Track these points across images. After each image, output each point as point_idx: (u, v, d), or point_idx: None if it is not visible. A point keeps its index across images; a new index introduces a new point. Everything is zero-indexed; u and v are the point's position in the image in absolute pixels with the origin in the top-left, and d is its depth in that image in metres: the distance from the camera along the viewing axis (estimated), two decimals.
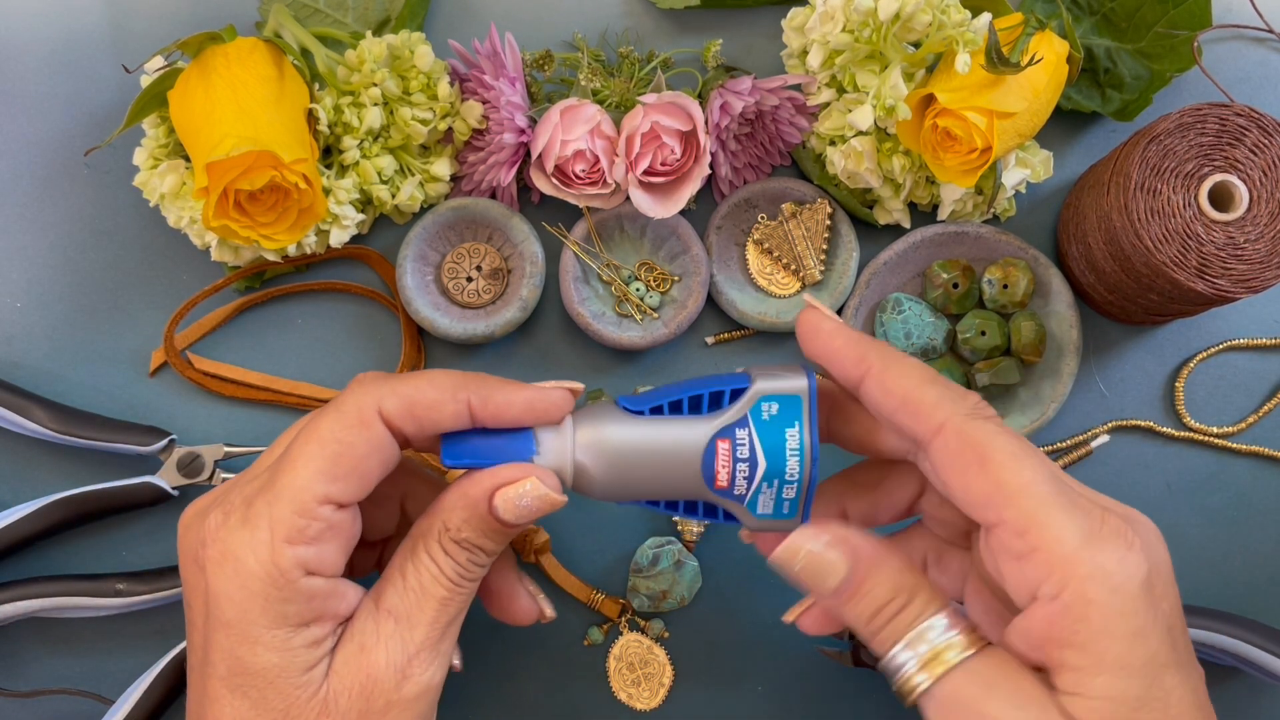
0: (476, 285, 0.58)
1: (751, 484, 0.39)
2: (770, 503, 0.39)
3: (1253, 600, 0.58)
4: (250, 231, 0.51)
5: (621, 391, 0.58)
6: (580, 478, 0.40)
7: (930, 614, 0.36)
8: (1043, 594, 0.34)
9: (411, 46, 0.55)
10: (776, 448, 0.39)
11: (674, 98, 0.54)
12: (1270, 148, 0.50)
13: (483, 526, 0.39)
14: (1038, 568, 0.34)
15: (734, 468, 0.39)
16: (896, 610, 0.36)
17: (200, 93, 0.51)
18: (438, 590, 0.39)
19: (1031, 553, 0.34)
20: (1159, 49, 0.58)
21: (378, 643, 0.38)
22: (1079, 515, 0.34)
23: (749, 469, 0.39)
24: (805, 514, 0.39)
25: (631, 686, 0.56)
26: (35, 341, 0.59)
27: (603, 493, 0.40)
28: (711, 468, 0.39)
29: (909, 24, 0.51)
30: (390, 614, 0.38)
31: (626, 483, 0.40)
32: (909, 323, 0.57)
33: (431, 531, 0.39)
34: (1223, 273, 0.50)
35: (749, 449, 0.39)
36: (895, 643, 0.36)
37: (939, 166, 0.53)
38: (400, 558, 0.39)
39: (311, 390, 0.58)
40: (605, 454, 0.39)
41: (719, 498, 0.40)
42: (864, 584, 0.37)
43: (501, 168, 0.56)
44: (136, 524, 0.57)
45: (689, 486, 0.40)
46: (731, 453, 0.39)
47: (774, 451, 0.39)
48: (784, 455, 0.39)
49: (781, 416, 0.39)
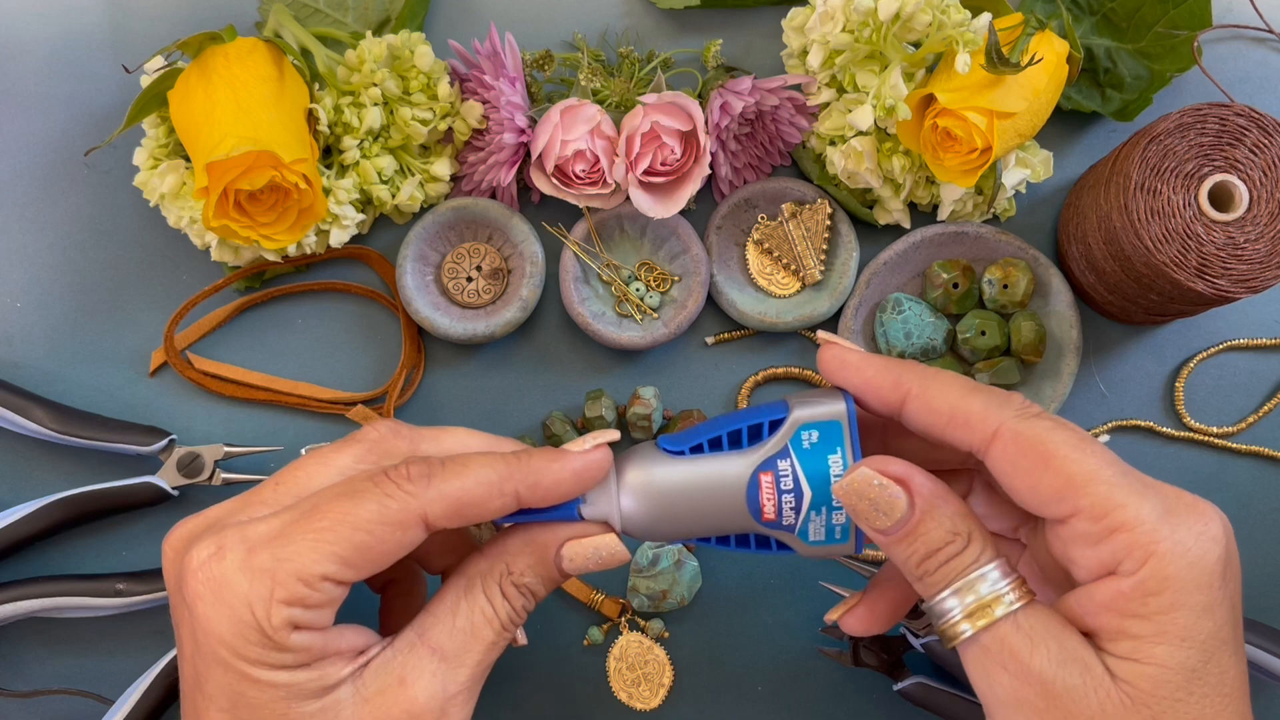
0: (476, 285, 0.58)
1: (800, 514, 0.39)
2: (821, 529, 0.39)
3: (1253, 600, 0.58)
4: (250, 231, 0.51)
5: (621, 392, 0.58)
6: (628, 524, 0.40)
7: (985, 562, 0.36)
8: (1123, 570, 0.34)
9: (411, 46, 0.55)
10: (820, 475, 0.38)
11: (674, 98, 0.54)
12: (1270, 148, 0.50)
13: (545, 574, 0.39)
14: (1117, 548, 0.34)
15: (779, 499, 0.39)
16: (952, 555, 0.36)
17: (200, 93, 0.51)
18: (488, 633, 0.38)
19: (1110, 535, 0.34)
20: (1159, 49, 0.58)
21: (420, 678, 0.37)
22: (1152, 495, 0.35)
23: (795, 499, 0.39)
24: (859, 540, 0.39)
25: (631, 686, 0.56)
26: (35, 341, 0.59)
27: (651, 535, 0.40)
28: (757, 501, 0.39)
29: (909, 24, 0.51)
30: (436, 652, 0.37)
31: (675, 524, 0.39)
32: (909, 323, 0.57)
33: (493, 573, 0.39)
34: (1223, 273, 0.50)
35: (792, 479, 0.38)
36: (946, 587, 0.36)
37: (939, 166, 0.53)
38: (452, 595, 0.39)
39: (311, 390, 0.58)
40: (650, 499, 0.39)
41: (769, 529, 0.39)
42: (922, 523, 0.36)
43: (501, 168, 0.56)
44: (136, 524, 0.57)
45: (737, 521, 0.39)
46: (775, 484, 0.39)
47: (818, 479, 0.38)
48: (829, 481, 0.38)
49: (822, 444, 0.39)
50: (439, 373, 0.59)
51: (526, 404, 0.58)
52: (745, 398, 0.58)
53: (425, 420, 0.58)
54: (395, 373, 0.58)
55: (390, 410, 0.57)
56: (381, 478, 0.36)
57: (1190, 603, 0.33)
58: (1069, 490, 0.35)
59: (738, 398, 0.58)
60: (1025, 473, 0.36)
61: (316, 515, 0.36)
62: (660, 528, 0.40)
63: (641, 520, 0.39)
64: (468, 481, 0.37)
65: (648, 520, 0.39)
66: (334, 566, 0.35)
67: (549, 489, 0.38)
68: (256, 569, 0.35)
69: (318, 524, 0.35)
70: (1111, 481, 0.34)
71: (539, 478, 0.38)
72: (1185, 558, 0.34)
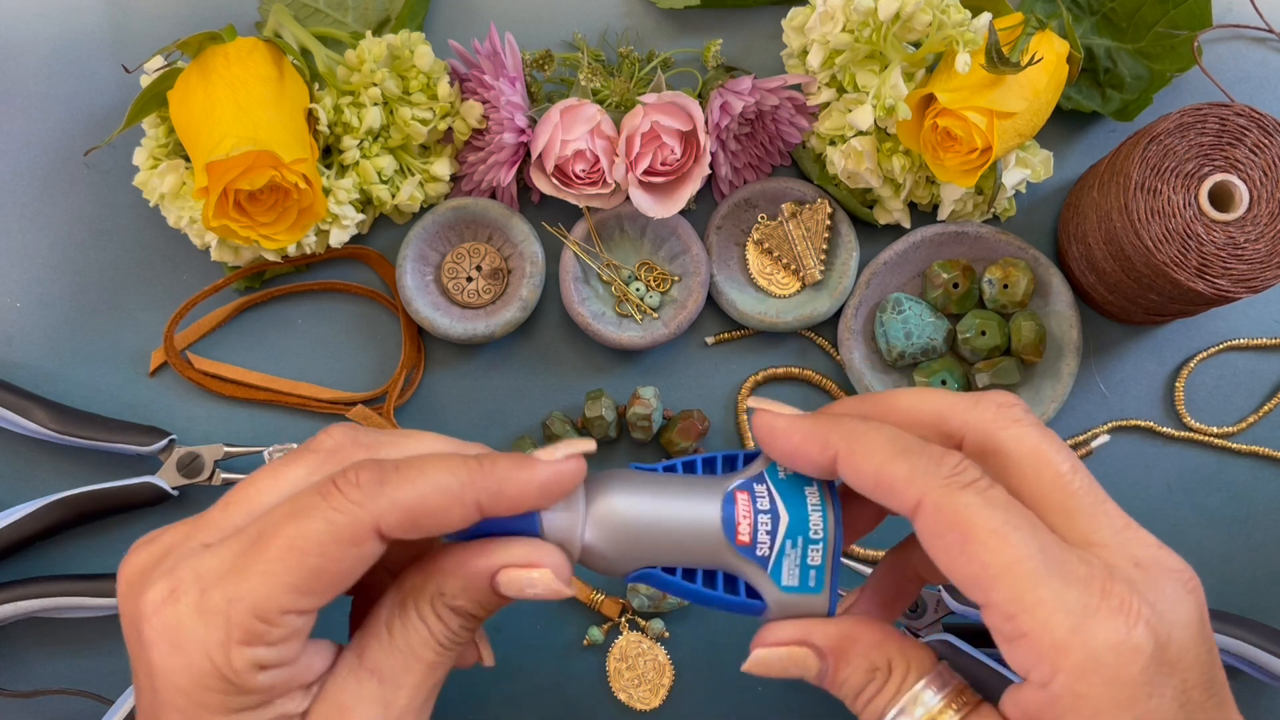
0: (476, 285, 0.58)
1: (775, 541, 0.36)
2: (795, 570, 0.37)
3: (1253, 600, 0.58)
4: (250, 231, 0.51)
5: (621, 392, 0.58)
6: (590, 546, 0.37)
7: (911, 684, 0.35)
8: (1033, 680, 0.32)
9: (411, 46, 0.55)
10: (797, 502, 0.37)
11: (674, 98, 0.54)
12: (1270, 148, 0.50)
13: (480, 598, 0.36)
14: (1026, 654, 0.31)
15: (755, 520, 0.36)
16: (877, 689, 0.35)
17: (200, 93, 0.51)
18: (426, 654, 0.36)
19: (1020, 638, 0.31)
20: (1159, 49, 0.58)
21: (360, 704, 0.35)
22: (1074, 590, 0.31)
23: (771, 522, 0.37)
24: (833, 589, 0.37)
25: (631, 686, 0.56)
26: (35, 341, 0.59)
27: (614, 560, 0.37)
28: (732, 519, 0.36)
29: (909, 24, 0.51)
30: (374, 673, 0.35)
31: (641, 547, 0.37)
32: (909, 323, 0.57)
33: (424, 592, 0.36)
34: (1223, 273, 0.50)
35: (769, 501, 0.37)
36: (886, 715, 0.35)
37: (939, 166, 0.53)
38: (387, 612, 0.36)
39: (311, 390, 0.58)
40: (616, 518, 0.37)
41: (743, 558, 0.37)
42: (838, 672, 0.36)
43: (501, 168, 0.56)
44: (136, 524, 0.57)
45: (709, 546, 0.37)
46: (752, 503, 0.37)
47: (794, 505, 0.37)
48: (805, 510, 0.37)
49: (797, 476, 0.37)
50: (439, 373, 0.59)
51: (526, 404, 0.58)
52: (745, 397, 0.58)
53: (425, 420, 0.58)
54: (395, 373, 0.58)
55: (390, 410, 0.57)
56: (329, 488, 0.34)
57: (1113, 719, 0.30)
58: (983, 578, 0.32)
59: (738, 397, 0.58)
60: (943, 551, 0.33)
61: (265, 542, 0.33)
62: (624, 556, 0.37)
63: (606, 541, 0.37)
64: (424, 488, 0.34)
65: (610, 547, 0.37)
66: (291, 598, 0.33)
67: (513, 499, 0.35)
68: (212, 611, 0.32)
69: (267, 553, 0.33)
70: (1027, 576, 0.31)
71: (503, 486, 0.35)
72: (1101, 674, 0.30)
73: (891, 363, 0.58)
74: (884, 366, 0.58)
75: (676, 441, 0.56)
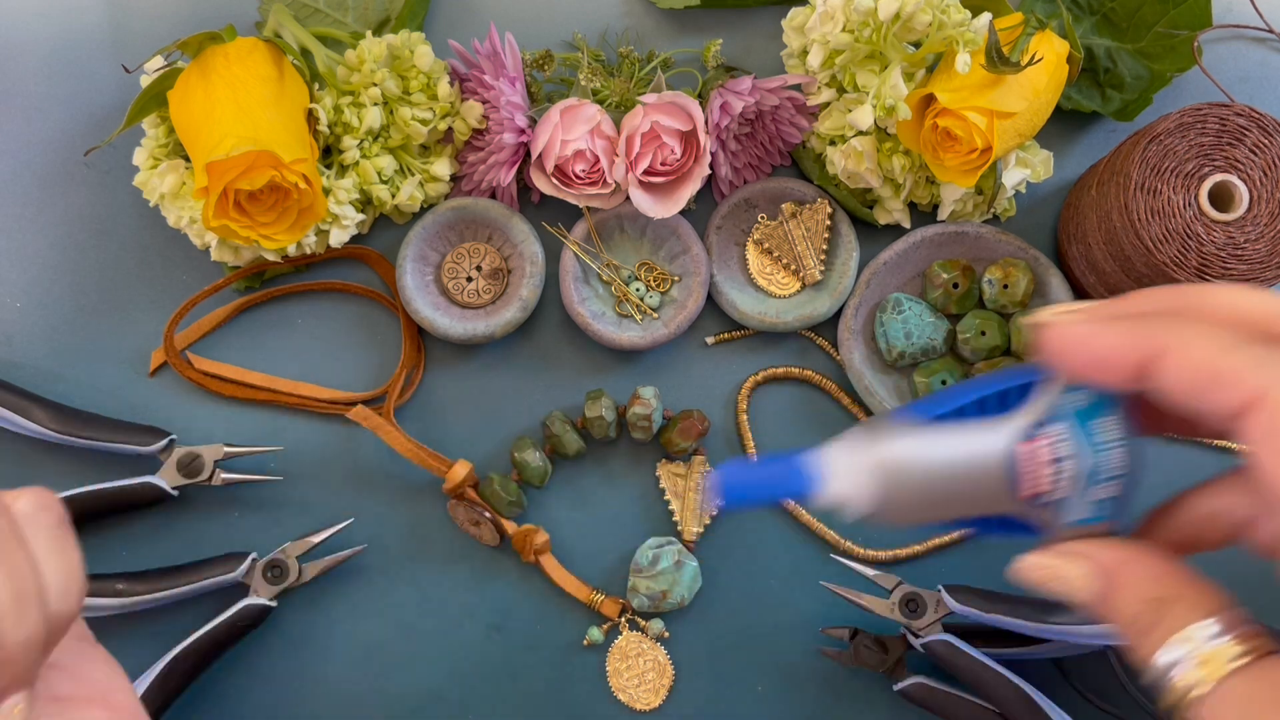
0: (476, 285, 0.58)
1: (1066, 486, 0.34)
2: (1086, 507, 0.34)
3: (1253, 600, 0.58)
4: (250, 231, 0.51)
5: (621, 392, 0.58)
6: (871, 516, 0.35)
7: (1192, 620, 0.32)
8: None
9: (411, 46, 0.55)
10: (1092, 440, 0.34)
11: (674, 98, 0.54)
12: (1270, 148, 0.50)
13: None
14: None
15: (1045, 470, 0.34)
16: (1153, 622, 0.32)
17: (200, 93, 0.51)
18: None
19: None
20: (1159, 49, 0.58)
21: None
22: None
23: (1062, 470, 0.34)
24: (1127, 513, 0.34)
25: (632, 686, 0.56)
26: (35, 341, 0.59)
27: (892, 516, 0.35)
28: (1019, 473, 0.34)
29: (909, 24, 0.51)
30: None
31: (921, 510, 0.35)
32: (909, 323, 0.57)
33: None
34: (1222, 273, 0.50)
35: (1060, 447, 0.34)
36: (1153, 653, 0.31)
37: (939, 166, 0.53)
38: None
39: (311, 390, 0.58)
40: (895, 474, 0.34)
41: (1026, 508, 0.35)
42: (1115, 596, 0.33)
43: (501, 168, 0.56)
44: (136, 524, 0.57)
45: (994, 498, 0.34)
46: (1041, 453, 0.34)
47: (1088, 445, 0.34)
48: (1101, 447, 0.34)
49: (1092, 407, 0.34)
50: (439, 373, 0.59)
51: (526, 404, 0.58)
52: (745, 397, 0.58)
53: (425, 420, 0.58)
54: (395, 373, 0.58)
55: (390, 410, 0.57)
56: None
57: None
58: None
59: (738, 398, 0.58)
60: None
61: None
62: (906, 514, 0.35)
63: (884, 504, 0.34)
64: None
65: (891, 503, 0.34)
66: None
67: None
68: None
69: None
70: None
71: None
72: None
73: (891, 363, 0.58)
74: (884, 366, 0.58)
75: (676, 442, 0.56)
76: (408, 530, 0.58)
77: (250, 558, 0.55)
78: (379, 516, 0.58)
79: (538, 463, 0.56)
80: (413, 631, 0.57)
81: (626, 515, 0.58)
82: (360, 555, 0.57)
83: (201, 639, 0.53)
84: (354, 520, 0.57)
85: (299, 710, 0.56)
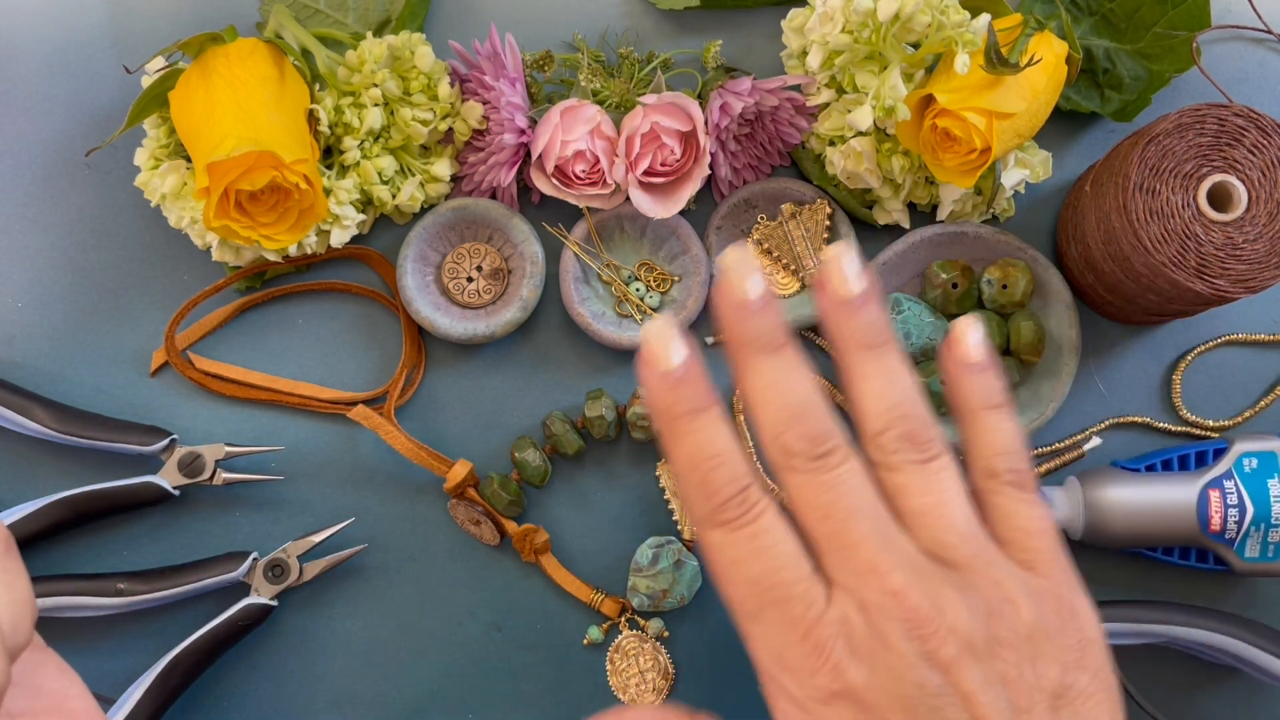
0: (477, 285, 0.58)
1: (1240, 528, 0.48)
2: (1257, 546, 0.49)
3: (1253, 600, 0.58)
4: (251, 232, 0.51)
5: (621, 392, 0.58)
6: (1090, 529, 0.51)
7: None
8: None
9: (412, 47, 0.55)
10: (1261, 495, 0.49)
11: (674, 98, 0.54)
12: (1269, 148, 0.50)
13: None
14: None
15: (1225, 513, 0.48)
16: None
17: (201, 93, 0.51)
18: None
19: None
20: (1158, 49, 0.58)
21: None
22: None
23: (1238, 514, 0.48)
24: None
25: (632, 686, 0.56)
26: (36, 341, 0.59)
27: (1109, 541, 0.51)
28: (1205, 513, 0.49)
29: (908, 24, 0.52)
30: None
31: (1128, 535, 0.50)
32: (909, 323, 0.57)
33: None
34: (1221, 273, 0.50)
35: (1236, 497, 0.49)
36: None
37: (938, 167, 0.53)
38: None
39: (312, 390, 0.58)
40: (1113, 508, 0.51)
41: (1212, 541, 0.49)
42: None
43: (502, 168, 0.56)
44: (137, 524, 0.57)
45: (1186, 532, 0.49)
46: (1222, 500, 0.49)
47: (1259, 498, 0.49)
48: (1269, 501, 0.48)
49: (1261, 470, 0.49)
50: (439, 373, 0.59)
51: (526, 404, 0.59)
52: None
53: (426, 420, 0.58)
54: (395, 373, 0.58)
55: (390, 410, 0.57)
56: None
57: None
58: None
59: (737, 398, 0.58)
60: None
61: None
62: (1115, 538, 0.51)
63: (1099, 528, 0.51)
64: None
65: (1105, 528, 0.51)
66: None
67: None
68: None
69: None
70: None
71: None
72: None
73: None
74: None
75: None
76: (408, 530, 0.58)
77: (251, 557, 0.55)
78: (379, 516, 0.58)
79: (538, 462, 0.56)
80: (413, 631, 0.57)
81: (626, 515, 0.58)
82: (361, 555, 0.57)
83: (202, 638, 0.54)
84: (354, 520, 0.57)
85: (299, 709, 0.57)
